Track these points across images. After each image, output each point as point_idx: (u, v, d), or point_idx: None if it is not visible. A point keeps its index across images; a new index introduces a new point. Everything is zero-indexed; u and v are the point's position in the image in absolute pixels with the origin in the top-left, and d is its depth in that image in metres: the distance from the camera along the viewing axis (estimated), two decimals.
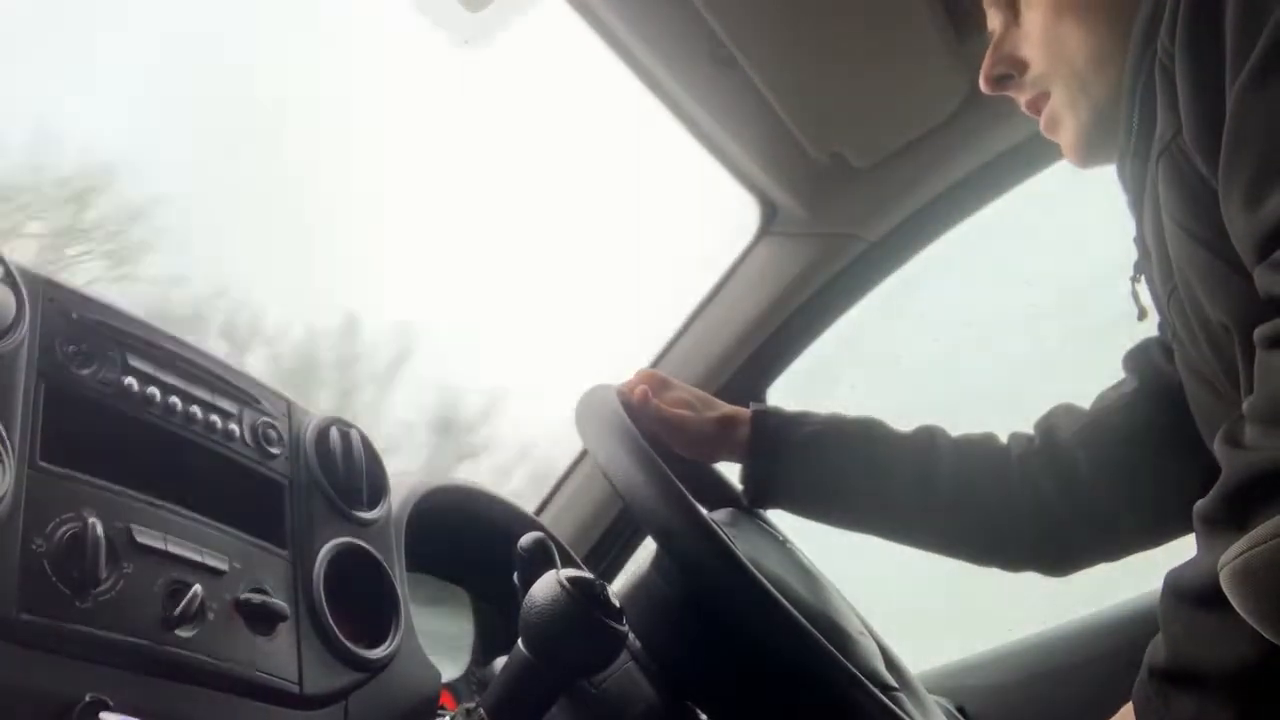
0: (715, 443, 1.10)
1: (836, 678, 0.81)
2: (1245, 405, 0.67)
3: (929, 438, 1.12)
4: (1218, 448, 0.69)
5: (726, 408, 1.13)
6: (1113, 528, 1.07)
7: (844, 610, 1.01)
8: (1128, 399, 1.07)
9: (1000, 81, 0.95)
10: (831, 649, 0.81)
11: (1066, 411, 1.11)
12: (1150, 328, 1.01)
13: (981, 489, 1.09)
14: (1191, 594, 0.68)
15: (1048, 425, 1.11)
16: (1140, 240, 0.87)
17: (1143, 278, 0.91)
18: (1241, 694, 0.65)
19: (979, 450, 1.12)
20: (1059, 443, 1.09)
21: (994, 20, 0.96)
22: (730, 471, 1.19)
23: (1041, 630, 1.57)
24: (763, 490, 1.12)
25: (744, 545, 0.89)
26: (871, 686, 0.81)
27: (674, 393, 1.11)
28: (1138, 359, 1.08)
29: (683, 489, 0.84)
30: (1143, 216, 0.84)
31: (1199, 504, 0.69)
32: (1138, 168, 0.83)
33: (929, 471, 1.09)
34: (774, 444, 1.10)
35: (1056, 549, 1.10)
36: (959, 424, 1.16)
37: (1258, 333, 0.67)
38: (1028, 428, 1.14)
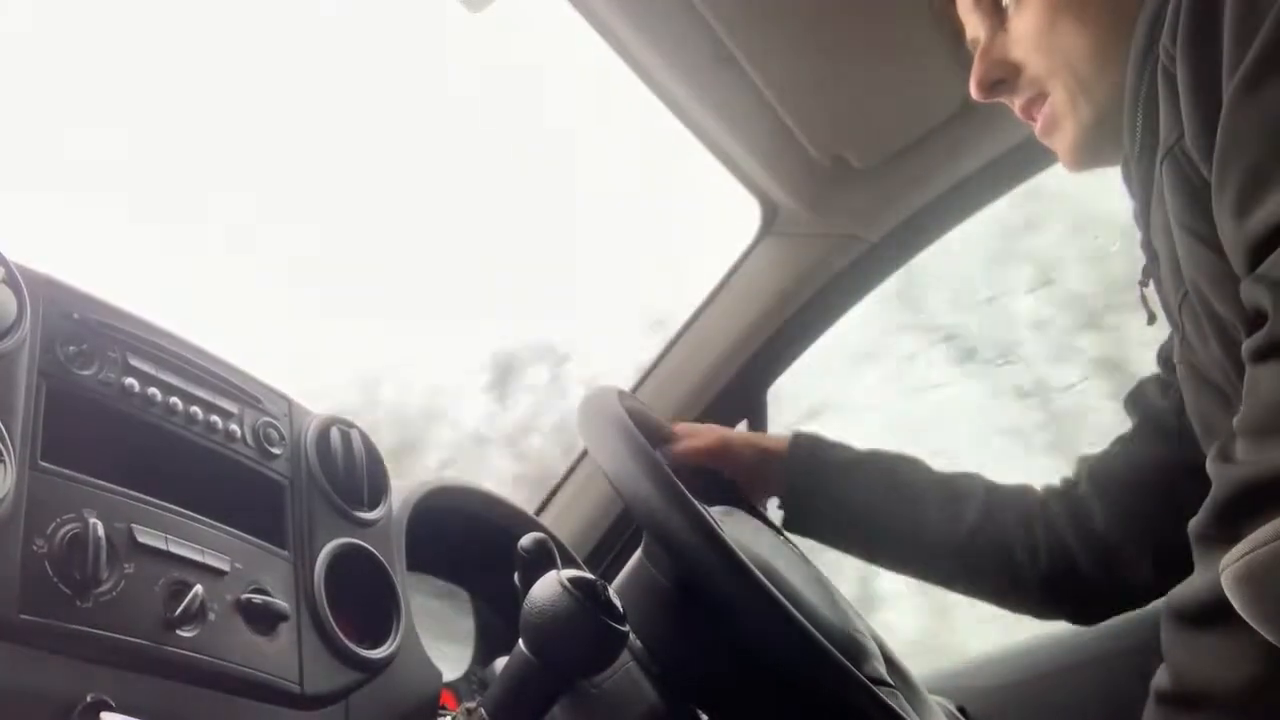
0: (757, 465, 1.13)
1: (827, 669, 0.81)
2: (1235, 420, 0.67)
3: (965, 479, 1.15)
4: (1210, 466, 0.69)
5: (764, 437, 1.18)
6: (1131, 572, 1.08)
7: (839, 605, 1.01)
8: (1128, 440, 1.10)
9: (994, 87, 0.94)
10: (822, 639, 0.81)
11: (1085, 460, 1.14)
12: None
13: (1008, 533, 1.11)
14: (1190, 614, 0.67)
15: (1074, 474, 1.14)
16: (1148, 245, 0.86)
17: (1150, 282, 0.90)
18: (1250, 711, 0.64)
19: (1011, 496, 1.14)
20: (1077, 490, 1.11)
21: (975, 27, 0.95)
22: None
23: (1045, 632, 1.57)
24: (800, 512, 1.15)
25: (741, 537, 0.89)
26: (862, 678, 0.81)
27: (710, 428, 1.16)
28: (1136, 399, 1.09)
29: (675, 479, 0.84)
30: (1150, 221, 0.83)
31: (1193, 522, 0.69)
32: (1144, 172, 0.82)
33: (958, 510, 1.12)
34: (811, 465, 1.13)
35: (1079, 595, 1.12)
36: None
37: (1245, 346, 0.66)
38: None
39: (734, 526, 0.97)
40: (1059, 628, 1.54)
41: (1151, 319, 0.94)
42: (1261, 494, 0.63)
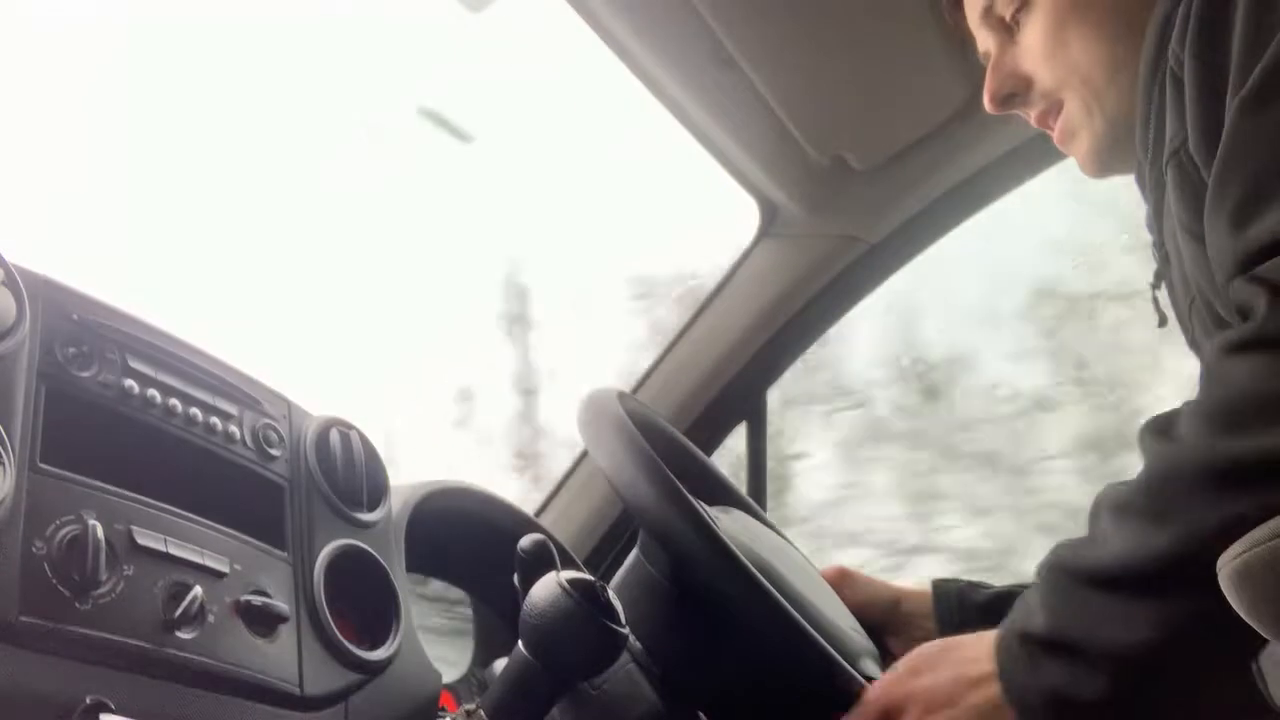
0: (889, 604, 1.12)
1: (819, 663, 0.81)
2: (1189, 403, 0.68)
3: None
4: (1141, 436, 0.70)
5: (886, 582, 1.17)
6: None
7: (838, 604, 1.02)
8: None
9: (1007, 100, 0.94)
10: (814, 633, 0.82)
11: None
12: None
13: None
14: (1091, 574, 0.70)
15: None
16: (1160, 247, 0.87)
17: (1163, 285, 0.91)
18: (1120, 671, 0.67)
19: None
20: None
21: (986, 40, 0.95)
22: (731, 474, 1.19)
23: None
24: None
25: (740, 536, 0.90)
26: (854, 673, 0.82)
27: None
28: None
29: (673, 477, 0.84)
30: (1162, 225, 0.84)
31: (1112, 489, 0.71)
32: (1155, 176, 0.82)
33: None
34: (964, 614, 1.12)
35: None
36: None
37: (1219, 338, 0.67)
38: None
39: (733, 525, 0.97)
40: None
41: (1163, 321, 0.94)
42: (1210, 480, 0.64)
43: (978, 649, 0.76)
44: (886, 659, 1.07)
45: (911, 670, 0.80)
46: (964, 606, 1.12)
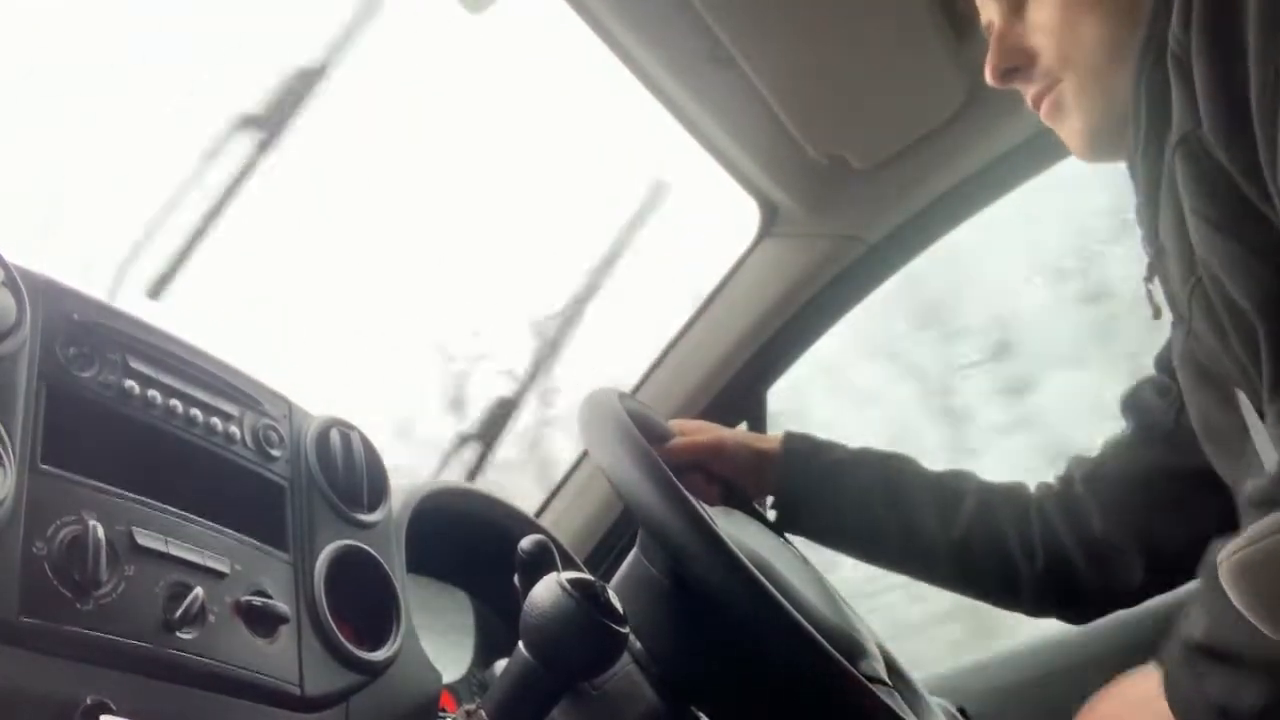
0: (751, 466, 1.13)
1: (819, 663, 0.81)
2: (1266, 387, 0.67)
3: (957, 478, 1.15)
4: (1271, 429, 0.69)
5: (758, 437, 1.18)
6: (1126, 573, 1.08)
7: (839, 606, 1.01)
8: (1126, 442, 1.10)
9: (1009, 74, 0.93)
10: (813, 632, 0.82)
11: (1080, 461, 1.14)
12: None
13: (1002, 533, 1.11)
14: None
15: (1066, 473, 1.14)
16: (1154, 239, 0.86)
17: (1156, 278, 0.90)
18: (1278, 678, 0.65)
19: (1003, 495, 1.14)
20: (1073, 491, 1.11)
21: (990, 11, 0.94)
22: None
23: (1045, 633, 1.57)
24: (792, 513, 1.15)
25: (739, 536, 0.90)
26: (855, 672, 0.82)
27: (707, 426, 1.16)
28: (1132, 402, 1.09)
29: (673, 477, 0.84)
30: (1158, 214, 0.83)
31: (1255, 485, 0.69)
32: (1150, 163, 0.82)
33: (951, 509, 1.12)
34: (802, 466, 1.13)
35: (1073, 595, 1.12)
36: None
37: None
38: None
39: (732, 526, 0.97)
40: (1059, 629, 1.55)
41: (1157, 314, 0.93)
42: None
43: (1149, 679, 0.74)
44: None
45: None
46: (807, 461, 1.13)
